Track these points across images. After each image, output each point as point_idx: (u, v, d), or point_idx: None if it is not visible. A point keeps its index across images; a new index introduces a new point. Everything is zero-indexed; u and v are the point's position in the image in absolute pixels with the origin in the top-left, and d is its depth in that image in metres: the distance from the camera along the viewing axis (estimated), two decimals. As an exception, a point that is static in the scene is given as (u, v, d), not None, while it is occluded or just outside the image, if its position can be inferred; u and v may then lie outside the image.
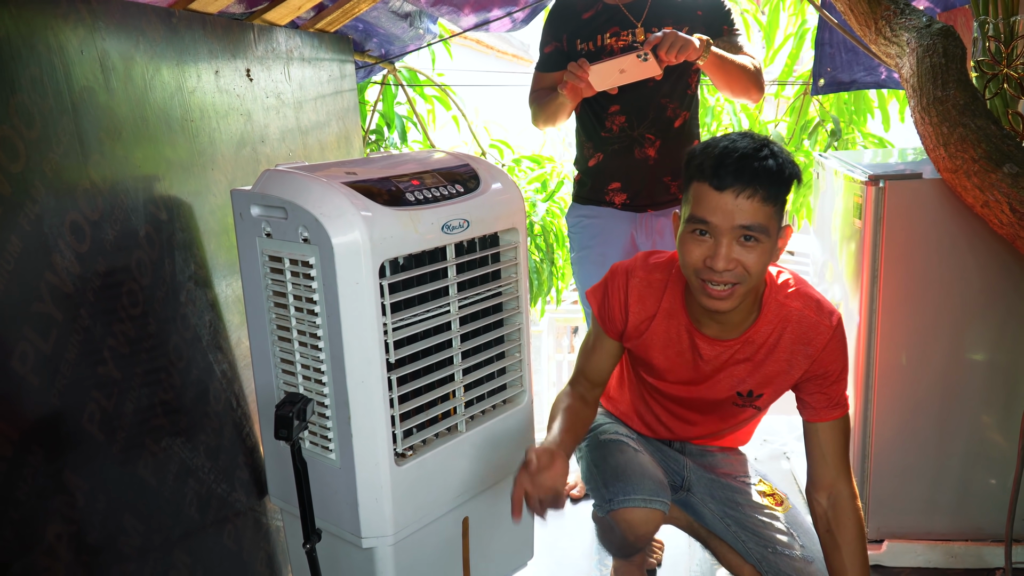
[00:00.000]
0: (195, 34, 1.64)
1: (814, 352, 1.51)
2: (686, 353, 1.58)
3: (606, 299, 1.63)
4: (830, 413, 1.55)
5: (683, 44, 1.98)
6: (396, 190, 1.51)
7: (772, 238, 1.39)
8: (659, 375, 1.64)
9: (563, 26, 2.31)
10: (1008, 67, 1.88)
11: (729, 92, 2.25)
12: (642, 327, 1.59)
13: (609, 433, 1.72)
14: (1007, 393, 1.98)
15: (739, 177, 1.34)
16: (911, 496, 2.08)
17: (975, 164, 1.69)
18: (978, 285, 1.93)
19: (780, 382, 1.55)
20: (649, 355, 1.61)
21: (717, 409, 1.65)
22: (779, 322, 1.51)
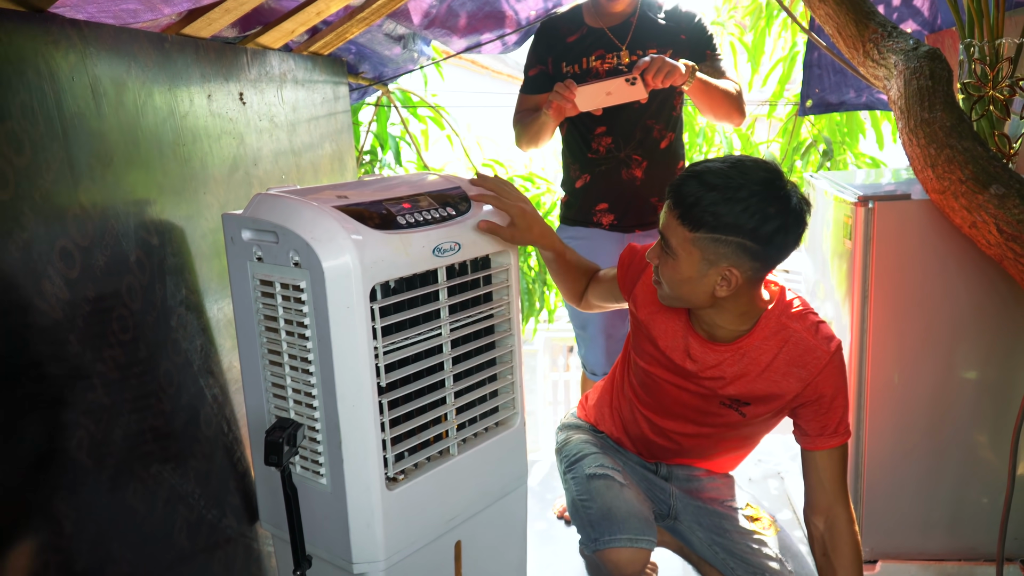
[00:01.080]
0: (188, 59, 1.65)
1: (808, 376, 1.50)
2: (680, 349, 1.59)
3: (633, 255, 1.71)
4: (826, 441, 1.53)
5: (670, 69, 2.00)
6: (387, 213, 1.51)
7: (684, 264, 1.40)
8: (657, 356, 1.63)
9: (548, 49, 2.33)
10: (994, 89, 1.89)
11: (712, 116, 2.26)
12: (649, 306, 1.63)
13: (594, 465, 1.71)
14: (998, 412, 1.98)
15: (673, 188, 1.40)
16: (904, 516, 2.08)
17: (962, 185, 1.70)
18: (967, 305, 1.94)
19: (769, 400, 1.55)
20: (653, 332, 1.62)
21: (703, 408, 1.62)
22: (777, 340, 1.51)
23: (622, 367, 1.81)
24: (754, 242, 1.34)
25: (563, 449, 1.86)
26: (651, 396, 1.70)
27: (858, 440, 2.05)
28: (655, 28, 2.25)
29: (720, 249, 1.36)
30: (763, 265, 1.40)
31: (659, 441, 1.74)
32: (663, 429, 1.71)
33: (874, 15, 2.08)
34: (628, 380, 1.77)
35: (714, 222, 1.34)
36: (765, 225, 1.33)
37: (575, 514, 1.69)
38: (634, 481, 1.73)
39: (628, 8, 2.27)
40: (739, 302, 1.46)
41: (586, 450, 1.79)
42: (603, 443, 1.83)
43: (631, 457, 1.81)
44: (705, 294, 1.42)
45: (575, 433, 1.88)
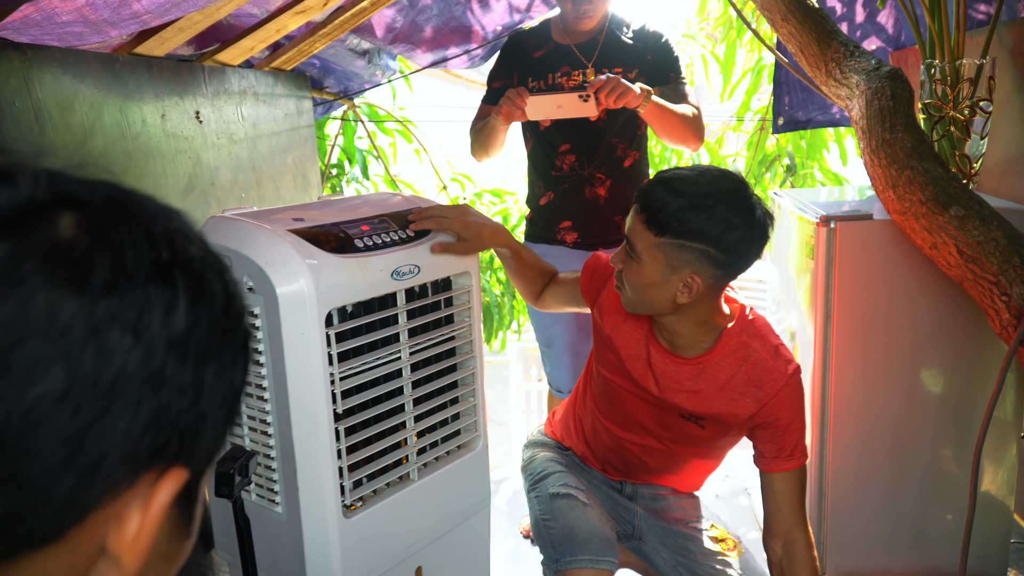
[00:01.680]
0: (140, 78, 1.62)
1: (764, 397, 1.50)
2: (642, 359, 1.58)
3: (599, 262, 1.72)
4: (782, 464, 1.53)
5: (624, 91, 1.99)
6: (345, 236, 1.49)
7: (648, 268, 1.41)
8: (618, 365, 1.62)
9: (515, 63, 2.33)
10: (954, 109, 1.91)
11: (667, 140, 2.25)
12: (612, 315, 1.62)
13: (558, 485, 1.70)
14: (960, 430, 1.99)
15: (641, 193, 1.42)
16: (868, 535, 2.08)
17: (923, 206, 1.71)
18: (929, 324, 1.95)
19: (725, 418, 1.54)
20: (615, 342, 1.62)
21: (662, 420, 1.62)
22: (736, 359, 1.51)
23: (585, 379, 1.80)
24: (717, 250, 1.36)
25: (528, 467, 1.84)
26: (612, 405, 1.68)
27: (821, 459, 2.05)
28: (622, 47, 2.25)
29: (684, 255, 1.38)
30: (725, 274, 1.41)
31: (620, 453, 1.72)
32: (622, 440, 1.70)
33: (836, 34, 2.09)
34: (590, 391, 1.76)
35: (679, 228, 1.36)
36: (729, 234, 1.35)
37: (538, 534, 1.67)
38: (598, 501, 1.72)
39: (596, 26, 2.26)
40: (699, 310, 1.47)
41: (550, 468, 1.77)
42: (568, 461, 1.81)
43: (596, 476, 1.80)
44: (667, 300, 1.43)
45: (540, 451, 1.86)
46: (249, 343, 0.51)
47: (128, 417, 0.42)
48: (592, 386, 1.74)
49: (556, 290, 1.82)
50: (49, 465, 0.40)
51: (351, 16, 2.32)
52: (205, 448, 0.48)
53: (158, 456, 0.44)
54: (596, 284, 1.70)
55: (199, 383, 0.45)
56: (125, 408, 0.41)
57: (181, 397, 0.44)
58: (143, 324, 0.42)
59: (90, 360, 0.40)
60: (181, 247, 0.46)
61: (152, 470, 0.44)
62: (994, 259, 1.61)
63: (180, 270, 0.45)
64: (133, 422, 0.42)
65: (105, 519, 0.44)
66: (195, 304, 0.45)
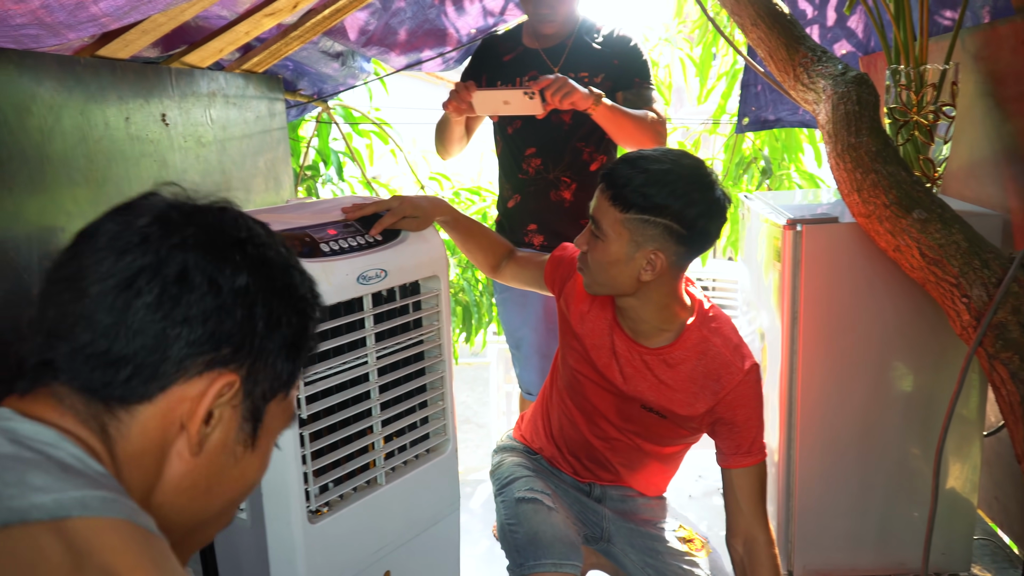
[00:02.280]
0: (103, 81, 1.60)
1: (721, 392, 1.53)
2: (604, 349, 1.61)
3: (562, 261, 1.74)
4: (741, 460, 1.55)
5: (569, 90, 1.98)
6: (310, 241, 1.48)
7: (614, 245, 1.44)
8: (583, 354, 1.64)
9: (484, 66, 2.34)
10: (919, 114, 1.93)
11: (623, 144, 2.24)
12: (578, 304, 1.64)
13: (524, 489, 1.70)
14: (924, 430, 2.02)
15: (606, 172, 1.46)
16: (835, 532, 2.10)
17: (887, 209, 1.72)
18: (894, 326, 1.97)
19: (684, 412, 1.56)
20: (580, 332, 1.64)
21: (625, 412, 1.64)
22: (696, 353, 1.54)
23: (552, 376, 1.81)
24: (680, 225, 1.41)
25: (496, 472, 1.85)
26: (577, 396, 1.69)
27: (789, 458, 2.07)
28: (589, 52, 2.25)
29: (648, 230, 1.42)
30: (687, 251, 1.46)
31: (586, 450, 1.73)
32: (587, 434, 1.71)
33: (804, 39, 2.11)
34: (556, 385, 1.77)
35: (643, 203, 1.41)
36: (690, 208, 1.40)
37: (504, 538, 1.68)
38: (566, 504, 1.72)
39: (563, 30, 2.27)
40: (661, 292, 1.50)
41: (517, 473, 1.78)
42: (537, 466, 1.82)
43: (565, 479, 1.80)
44: (631, 278, 1.46)
45: (509, 455, 1.87)
46: (299, 302, 0.74)
47: (196, 326, 0.66)
48: (559, 380, 1.75)
49: (517, 269, 1.86)
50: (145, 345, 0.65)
51: (323, 19, 2.31)
52: (262, 371, 0.71)
53: (214, 361, 0.67)
54: (562, 274, 1.72)
55: (250, 318, 0.69)
56: (194, 320, 0.66)
57: (233, 324, 0.68)
58: (216, 273, 0.67)
59: (175, 287, 0.66)
60: (255, 233, 0.72)
61: (211, 371, 0.68)
62: (955, 261, 1.63)
63: (251, 245, 0.70)
64: (197, 330, 0.66)
65: (180, 396, 0.67)
66: (255, 269, 0.70)
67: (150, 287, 0.65)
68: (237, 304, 0.68)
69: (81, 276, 0.67)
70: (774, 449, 2.13)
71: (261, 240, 0.72)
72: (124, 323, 0.65)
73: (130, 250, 0.66)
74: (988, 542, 2.30)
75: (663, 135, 2.23)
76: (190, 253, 0.67)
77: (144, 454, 0.67)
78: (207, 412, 0.68)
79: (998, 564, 2.22)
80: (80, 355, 0.66)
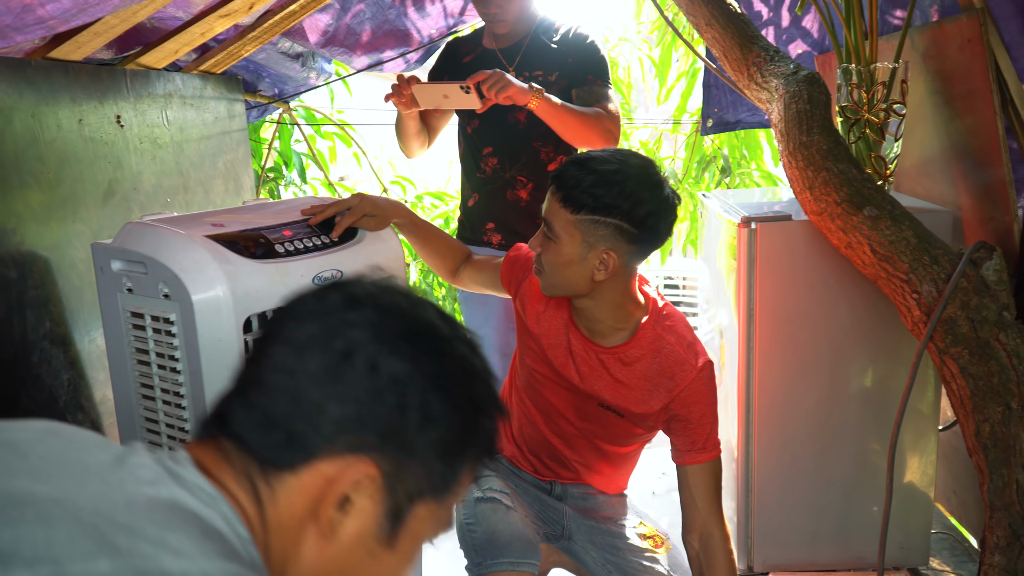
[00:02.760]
0: (55, 83, 1.59)
1: (675, 389, 1.54)
2: (561, 348, 1.62)
3: (519, 254, 1.76)
4: (696, 456, 1.57)
5: (504, 84, 2.00)
6: (265, 241, 1.48)
7: (566, 246, 1.46)
8: (540, 354, 1.65)
9: (446, 68, 2.37)
10: (869, 112, 1.96)
11: (567, 139, 2.22)
12: (534, 304, 1.65)
13: (482, 489, 1.71)
14: (880, 425, 2.05)
15: (555, 175, 1.48)
16: (794, 528, 2.13)
17: (838, 207, 1.75)
18: (848, 322, 2.01)
19: (636, 406, 1.58)
20: (536, 331, 1.65)
21: (583, 410, 1.65)
22: (651, 351, 1.56)
23: (510, 376, 1.82)
24: (630, 224, 1.43)
25: None
26: (536, 395, 1.70)
27: (747, 455, 2.09)
28: (544, 51, 2.26)
29: (599, 231, 1.44)
30: (638, 250, 1.48)
31: (546, 448, 1.74)
32: (545, 433, 1.72)
33: (758, 39, 2.14)
34: (515, 385, 1.77)
35: (593, 203, 1.42)
36: (639, 208, 1.42)
37: (462, 538, 1.68)
38: (525, 503, 1.73)
39: (519, 30, 2.28)
40: (615, 291, 1.52)
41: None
42: (497, 465, 1.82)
43: (526, 477, 1.81)
44: (585, 278, 1.48)
45: None
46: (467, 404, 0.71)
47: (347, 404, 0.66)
48: (517, 379, 1.76)
49: (474, 272, 1.87)
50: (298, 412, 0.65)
51: (280, 20, 2.30)
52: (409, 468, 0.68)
53: (357, 444, 0.66)
54: (518, 274, 1.73)
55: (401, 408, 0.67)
56: (347, 398, 0.66)
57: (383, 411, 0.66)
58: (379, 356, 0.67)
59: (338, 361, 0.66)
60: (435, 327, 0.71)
61: (352, 454, 0.66)
62: (905, 258, 1.66)
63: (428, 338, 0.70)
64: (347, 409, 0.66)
65: (320, 473, 0.66)
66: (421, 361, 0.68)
67: (315, 357, 0.66)
68: (391, 391, 0.67)
69: (267, 336, 0.71)
70: (733, 446, 2.16)
71: (440, 334, 0.71)
72: (286, 386, 0.66)
73: (308, 318, 0.69)
74: (947, 536, 2.34)
75: (614, 132, 2.22)
76: (360, 331, 0.68)
77: (287, 527, 0.67)
78: (342, 496, 0.66)
79: (957, 558, 2.26)
80: (246, 412, 0.67)
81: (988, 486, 1.43)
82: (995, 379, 1.49)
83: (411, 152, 2.41)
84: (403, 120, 2.27)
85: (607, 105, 2.22)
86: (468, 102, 2.06)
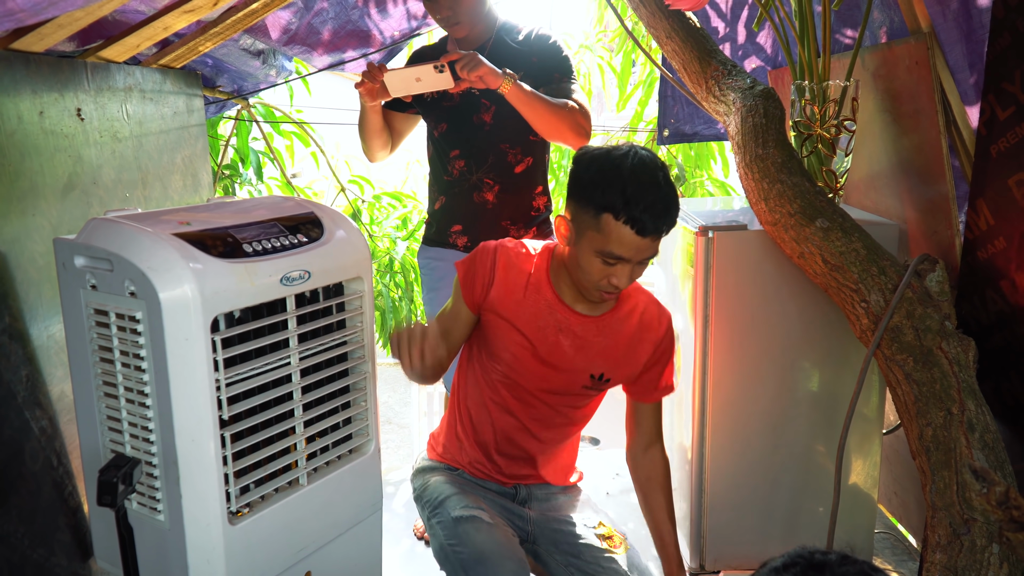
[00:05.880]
0: (16, 74, 1.56)
1: (655, 339, 1.72)
2: (549, 330, 1.66)
3: (472, 265, 1.71)
4: (662, 394, 1.78)
5: (476, 63, 2.04)
6: (232, 241, 1.47)
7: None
8: (525, 344, 1.67)
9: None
10: (822, 128, 2.04)
11: (539, 130, 2.23)
12: (508, 298, 1.66)
13: (459, 507, 1.70)
14: (829, 428, 2.13)
15: (661, 224, 1.48)
16: (745, 528, 2.19)
17: (791, 218, 1.82)
18: (800, 328, 2.08)
19: (627, 366, 1.72)
20: (518, 323, 1.66)
21: (566, 396, 1.73)
22: (630, 312, 1.71)
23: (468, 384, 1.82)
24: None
25: (423, 495, 1.83)
26: (514, 387, 1.72)
27: (701, 456, 2.15)
28: (509, 53, 2.29)
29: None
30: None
31: (521, 432, 1.76)
32: (523, 419, 1.75)
33: (716, 54, 2.20)
34: (480, 386, 1.77)
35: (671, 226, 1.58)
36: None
37: (445, 559, 1.66)
38: (499, 514, 1.74)
39: (481, 35, 2.30)
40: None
41: (446, 491, 1.77)
42: (462, 480, 1.83)
43: (490, 487, 1.82)
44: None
45: (432, 476, 1.86)
46: None
47: None
48: (481, 388, 1.77)
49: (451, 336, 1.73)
50: None
51: (243, 16, 2.29)
52: None
53: None
54: (483, 278, 1.70)
55: None
56: None
57: None
58: None
59: None
60: None
61: None
62: (855, 268, 1.73)
63: None
64: None
65: None
66: None
67: None
68: None
69: None
70: (687, 447, 2.21)
71: None
72: None
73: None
74: (888, 535, 2.43)
75: (585, 128, 2.23)
76: None
77: None
78: None
79: (898, 556, 2.35)
80: None
81: (930, 487, 1.50)
82: (937, 385, 1.57)
83: (374, 154, 2.40)
84: (367, 115, 2.25)
85: (579, 100, 2.25)
86: (441, 83, 2.08)
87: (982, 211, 1.72)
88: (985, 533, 1.40)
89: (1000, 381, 1.71)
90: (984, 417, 1.51)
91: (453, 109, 2.30)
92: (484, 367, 1.77)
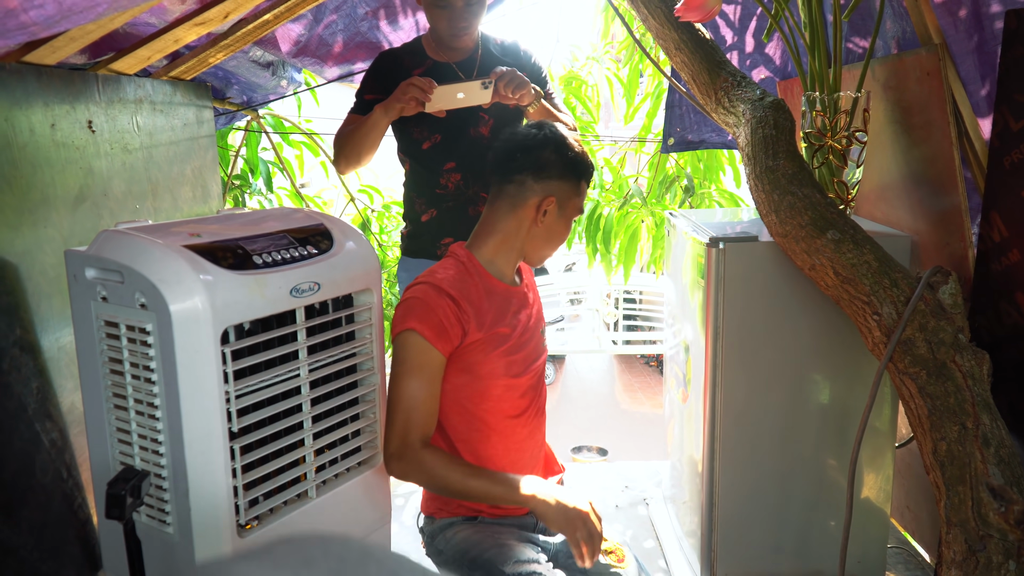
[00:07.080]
0: (28, 87, 1.57)
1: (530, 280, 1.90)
2: (511, 311, 1.72)
3: (435, 317, 1.58)
4: None
5: (520, 83, 2.08)
6: (243, 252, 1.48)
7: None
8: (513, 334, 1.70)
9: (392, 80, 2.23)
10: (832, 139, 2.03)
11: None
12: (482, 316, 1.65)
13: (511, 564, 1.60)
14: (840, 441, 2.11)
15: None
16: (755, 541, 2.17)
17: (802, 230, 1.81)
18: (811, 340, 2.06)
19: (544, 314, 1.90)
20: (499, 327, 1.68)
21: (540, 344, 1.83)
22: (522, 268, 1.85)
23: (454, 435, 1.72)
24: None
25: (454, 559, 1.70)
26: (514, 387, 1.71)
27: (711, 468, 2.14)
28: (496, 63, 2.29)
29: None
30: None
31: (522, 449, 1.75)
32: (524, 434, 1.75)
33: (725, 64, 2.20)
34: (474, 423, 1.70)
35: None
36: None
37: None
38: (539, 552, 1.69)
39: (471, 43, 2.31)
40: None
41: (483, 548, 1.67)
42: (487, 528, 1.73)
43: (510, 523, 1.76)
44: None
45: (453, 534, 1.74)
46: None
47: None
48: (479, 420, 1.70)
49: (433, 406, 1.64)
50: None
51: (254, 28, 2.30)
52: None
53: None
54: (463, 317, 1.62)
55: None
56: None
57: None
58: None
59: None
60: None
61: None
62: (866, 280, 1.72)
63: None
64: None
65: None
66: None
67: None
68: None
69: None
70: (697, 460, 2.20)
71: None
72: None
73: None
74: (901, 550, 2.41)
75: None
76: None
77: None
78: None
79: (911, 571, 2.33)
80: None
81: (945, 503, 1.49)
82: (951, 399, 1.55)
83: (360, 164, 2.30)
84: (380, 127, 2.17)
85: (568, 119, 2.33)
86: (481, 98, 2.12)
87: (995, 223, 1.71)
88: (1001, 550, 1.38)
89: (1015, 395, 1.69)
90: (999, 432, 1.49)
91: (447, 121, 2.25)
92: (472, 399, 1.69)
